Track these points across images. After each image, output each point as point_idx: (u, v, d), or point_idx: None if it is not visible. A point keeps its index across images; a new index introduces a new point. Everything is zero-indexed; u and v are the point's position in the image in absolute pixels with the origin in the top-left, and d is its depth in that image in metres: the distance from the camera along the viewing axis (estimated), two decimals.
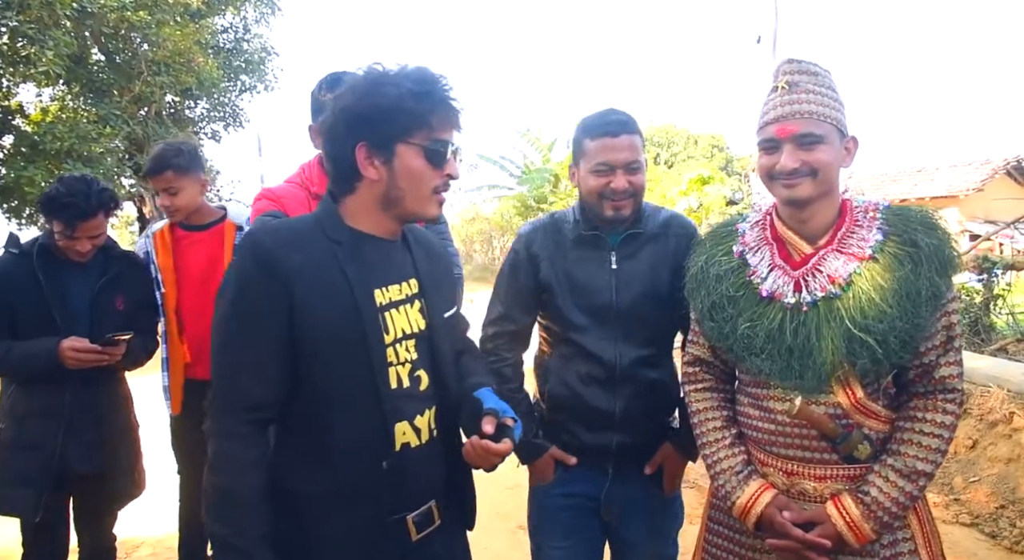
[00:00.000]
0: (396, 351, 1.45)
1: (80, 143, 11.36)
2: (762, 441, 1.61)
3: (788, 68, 1.57)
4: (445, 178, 1.46)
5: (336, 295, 1.38)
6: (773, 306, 1.56)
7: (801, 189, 1.51)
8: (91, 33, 12.37)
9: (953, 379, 1.51)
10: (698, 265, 1.71)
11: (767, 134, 1.55)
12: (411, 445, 1.45)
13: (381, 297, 1.45)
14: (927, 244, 1.47)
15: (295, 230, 1.45)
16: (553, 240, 2.00)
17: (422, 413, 1.47)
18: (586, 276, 1.95)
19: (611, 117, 1.91)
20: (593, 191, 1.90)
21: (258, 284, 1.36)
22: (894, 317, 1.44)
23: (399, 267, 1.52)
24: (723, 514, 1.70)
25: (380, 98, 1.38)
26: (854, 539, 1.48)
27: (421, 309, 1.52)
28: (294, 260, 1.36)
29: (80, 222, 2.40)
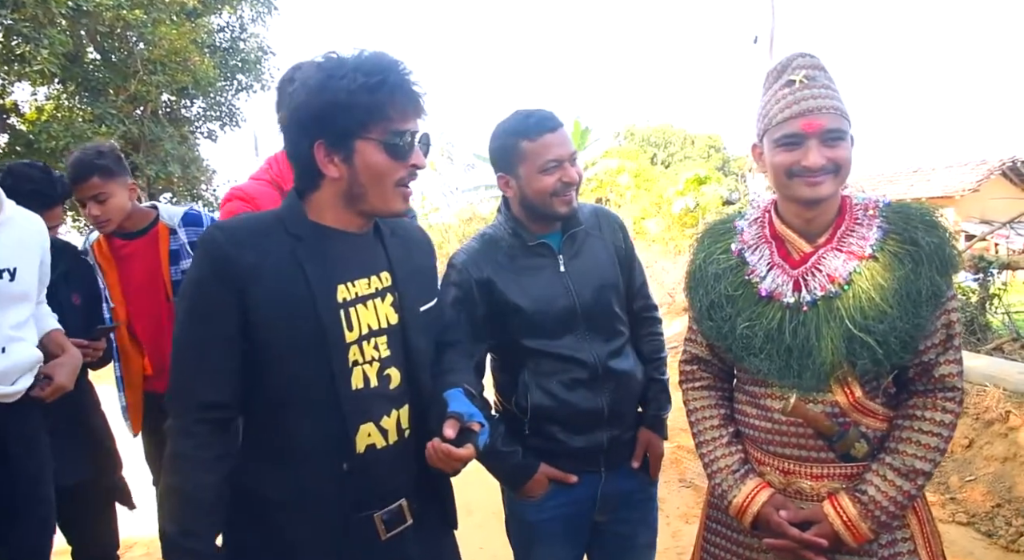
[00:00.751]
0: (362, 349, 1.40)
1: (75, 142, 11.31)
2: (759, 440, 1.60)
3: (803, 62, 1.52)
4: (410, 169, 1.40)
5: (292, 293, 1.34)
6: (772, 305, 1.54)
7: (824, 187, 1.47)
8: (86, 32, 12.36)
9: (953, 377, 1.49)
10: (696, 263, 1.70)
11: (790, 128, 1.47)
12: (377, 446, 1.41)
13: (346, 292, 1.40)
14: (928, 242, 1.45)
15: (253, 227, 1.41)
16: (496, 261, 1.95)
17: (389, 413, 1.43)
18: (543, 285, 1.92)
19: (541, 114, 1.91)
20: (545, 190, 1.88)
21: (210, 284, 1.34)
22: (895, 317, 1.43)
23: (368, 260, 1.47)
24: (721, 513, 1.69)
25: (332, 94, 1.32)
26: (851, 538, 1.47)
27: (393, 303, 1.47)
28: (247, 259, 1.33)
29: (45, 212, 2.27)
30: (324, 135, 1.35)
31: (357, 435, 1.38)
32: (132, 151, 13.86)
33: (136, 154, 13.80)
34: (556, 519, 1.98)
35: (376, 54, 1.37)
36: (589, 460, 1.97)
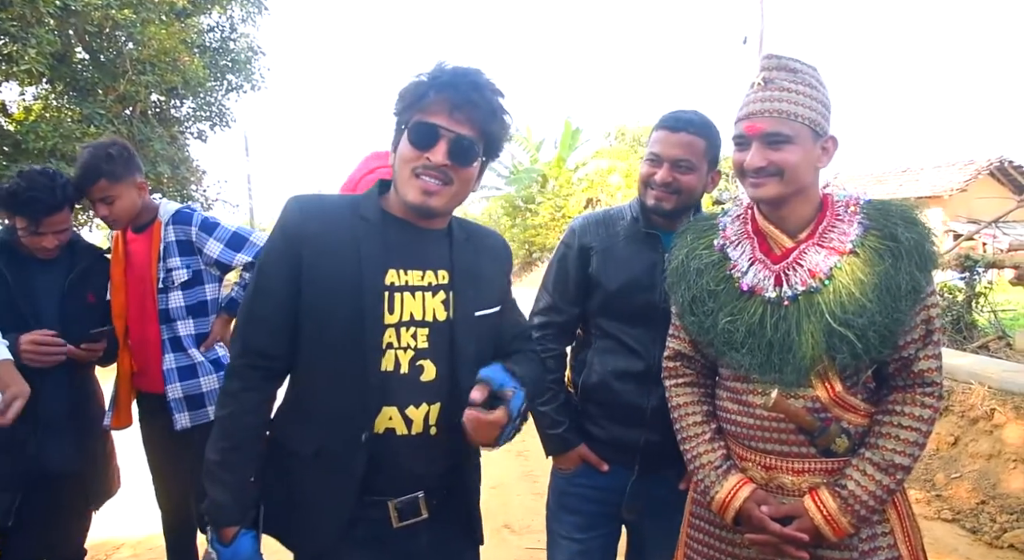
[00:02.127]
0: (398, 334, 1.44)
1: (64, 142, 11.25)
2: (741, 435, 1.61)
3: (767, 64, 1.55)
4: (424, 160, 1.42)
5: (342, 264, 1.43)
6: (754, 300, 1.56)
7: (767, 189, 1.50)
8: (75, 31, 12.28)
9: (932, 372, 1.51)
10: (679, 259, 1.71)
11: (738, 130, 1.55)
12: (397, 432, 1.44)
13: (395, 277, 1.46)
14: (907, 238, 1.47)
15: (328, 203, 1.53)
16: (606, 234, 2.02)
17: (418, 404, 1.45)
18: (637, 273, 1.95)
19: (681, 114, 1.94)
20: (641, 178, 1.96)
21: (276, 245, 1.48)
22: (874, 311, 1.44)
23: (428, 255, 1.51)
24: (704, 509, 1.70)
25: (403, 86, 1.47)
26: (831, 533, 1.48)
27: (445, 301, 1.51)
28: (311, 227, 1.45)
29: (45, 217, 2.30)
30: (395, 126, 1.50)
31: (378, 416, 1.42)
32: None
33: None
34: (583, 498, 2.05)
35: (468, 66, 1.46)
36: (624, 454, 1.99)
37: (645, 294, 1.93)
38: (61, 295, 2.43)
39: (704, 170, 1.92)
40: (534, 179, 21.60)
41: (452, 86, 1.42)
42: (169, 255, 2.61)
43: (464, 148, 1.43)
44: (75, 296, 2.47)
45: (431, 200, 1.45)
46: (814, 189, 1.58)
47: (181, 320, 2.61)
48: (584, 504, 2.05)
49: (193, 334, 2.63)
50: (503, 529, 3.91)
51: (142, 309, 2.62)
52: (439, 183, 1.44)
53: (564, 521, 2.09)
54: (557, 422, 2.02)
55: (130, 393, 2.68)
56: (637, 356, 1.93)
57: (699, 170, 1.90)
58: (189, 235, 2.63)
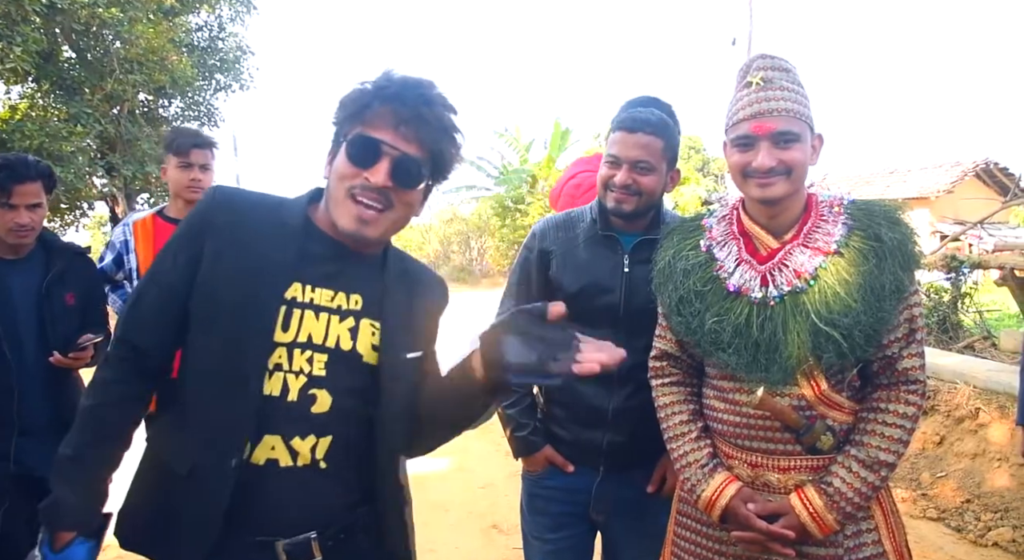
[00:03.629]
0: (291, 355, 1.28)
1: (50, 142, 11.18)
2: (727, 434, 1.62)
3: (762, 64, 1.56)
4: (363, 180, 1.27)
5: (243, 266, 1.28)
6: (740, 301, 1.57)
7: (776, 188, 1.51)
8: (61, 30, 12.20)
9: (916, 370, 1.53)
10: (665, 259, 1.71)
11: (742, 130, 1.53)
12: (280, 463, 1.27)
13: (299, 292, 1.30)
14: (891, 238, 1.49)
15: (250, 198, 1.38)
16: (566, 237, 2.02)
17: (304, 436, 1.28)
18: (598, 275, 1.95)
19: (637, 114, 1.90)
20: (600, 180, 1.94)
21: (181, 232, 1.36)
22: (859, 311, 1.46)
23: (348, 276, 1.36)
24: (691, 507, 1.71)
25: (345, 94, 1.33)
26: (817, 530, 1.49)
27: (353, 329, 1.34)
28: (219, 218, 1.32)
29: (16, 185, 2.25)
30: (334, 135, 1.36)
31: (259, 444, 1.26)
32: (108, 151, 13.71)
33: (113, 154, 13.65)
34: (551, 499, 2.06)
35: (417, 76, 1.33)
36: (589, 456, 2.00)
37: (606, 296, 1.93)
38: (38, 297, 2.38)
39: (664, 170, 1.90)
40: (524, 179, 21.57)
41: (399, 98, 1.27)
42: None
43: (409, 169, 1.28)
44: (53, 298, 2.41)
45: (366, 229, 1.30)
46: (804, 188, 1.59)
47: None
48: (552, 505, 2.06)
49: None
50: (491, 529, 3.90)
51: None
52: (377, 209, 1.29)
53: (534, 522, 2.11)
54: (522, 424, 2.04)
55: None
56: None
57: (658, 170, 1.88)
58: None
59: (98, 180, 14.31)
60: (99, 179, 14.30)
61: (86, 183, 13.15)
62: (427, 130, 1.29)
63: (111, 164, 13.68)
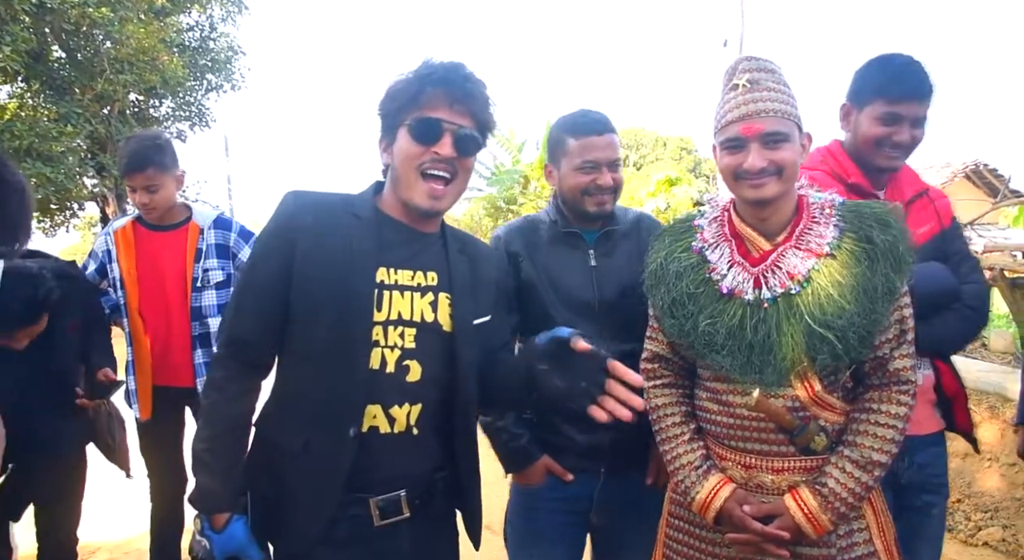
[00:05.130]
0: (386, 332, 1.44)
1: (40, 141, 11.12)
2: (721, 435, 1.63)
3: (748, 65, 1.57)
4: (432, 155, 1.44)
5: (334, 258, 1.43)
6: (733, 303, 1.57)
7: (767, 189, 1.52)
8: (51, 29, 12.14)
9: (906, 371, 1.54)
10: (657, 261, 1.71)
11: (731, 132, 1.54)
12: (380, 430, 1.43)
13: (385, 275, 1.46)
14: (882, 240, 1.50)
15: (324, 199, 1.53)
16: (530, 240, 2.02)
17: (401, 404, 1.45)
18: (567, 273, 1.97)
19: (593, 116, 1.97)
20: (577, 188, 1.95)
21: (269, 236, 1.49)
22: (852, 313, 1.47)
23: (419, 256, 1.52)
24: (683, 509, 1.71)
25: (391, 86, 1.49)
26: (812, 530, 1.50)
27: (433, 302, 1.50)
28: (305, 220, 1.46)
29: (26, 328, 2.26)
30: (383, 124, 1.51)
31: (364, 413, 1.42)
32: (99, 151, 13.65)
33: (103, 154, 13.59)
34: (553, 512, 2.01)
35: (452, 61, 1.47)
36: (589, 459, 1.98)
37: (579, 292, 1.96)
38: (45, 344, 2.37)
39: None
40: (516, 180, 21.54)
41: (447, 80, 1.43)
42: (208, 257, 2.80)
43: (468, 139, 1.46)
44: (55, 330, 2.40)
45: (439, 203, 1.48)
46: (795, 190, 1.60)
47: (212, 317, 2.77)
48: (555, 516, 2.02)
49: None
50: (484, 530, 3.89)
51: (165, 304, 2.75)
52: (444, 182, 1.47)
53: (533, 539, 2.04)
54: (516, 435, 1.98)
55: (149, 385, 2.80)
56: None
57: (621, 164, 1.97)
58: (228, 240, 2.85)
59: (88, 180, 14.25)
60: (89, 179, 14.25)
61: (76, 183, 13.09)
62: (475, 104, 1.46)
63: (101, 164, 13.63)
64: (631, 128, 36.53)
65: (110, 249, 2.78)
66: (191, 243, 2.78)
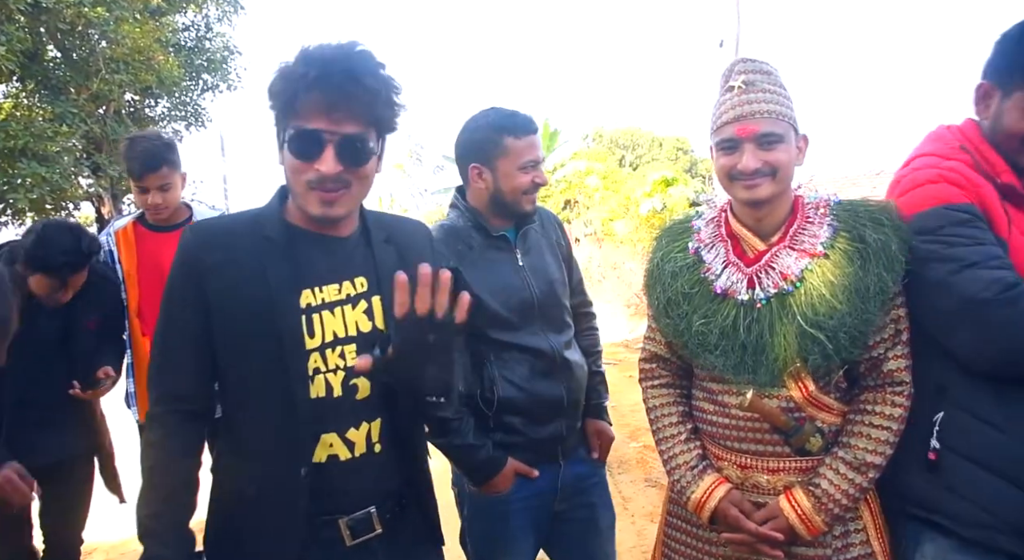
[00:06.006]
0: (324, 357, 1.34)
1: (35, 142, 11.09)
2: (717, 435, 1.63)
3: (744, 67, 1.58)
4: (314, 172, 1.28)
5: (251, 295, 1.32)
6: (727, 303, 1.58)
7: (762, 190, 1.52)
8: (46, 29, 12.12)
9: (901, 372, 1.52)
10: (654, 262, 1.72)
11: (726, 134, 1.55)
12: (340, 458, 1.36)
13: (311, 298, 1.35)
14: (875, 240, 1.49)
15: (226, 227, 1.41)
16: (458, 251, 1.96)
17: (358, 425, 1.37)
18: (504, 277, 1.97)
19: (523, 116, 1.98)
20: (519, 188, 1.96)
21: (179, 283, 1.37)
22: (844, 313, 1.46)
23: (342, 265, 1.41)
24: (681, 509, 1.72)
25: (272, 79, 1.30)
26: (806, 531, 1.50)
27: (368, 310, 1.40)
28: (212, 259, 1.34)
29: (73, 276, 2.35)
30: (277, 127, 1.34)
31: (318, 444, 1.34)
32: (95, 151, 13.62)
33: (99, 154, 13.56)
34: (522, 511, 2.00)
35: (334, 46, 1.28)
36: (550, 450, 2.01)
37: (520, 292, 1.97)
38: (62, 326, 2.44)
39: None
40: None
41: (323, 82, 1.24)
42: None
43: (354, 147, 1.29)
44: (77, 323, 2.47)
45: (333, 210, 1.33)
46: (791, 189, 1.60)
47: None
48: (525, 514, 2.01)
49: None
50: None
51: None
52: (338, 191, 1.31)
53: (504, 544, 2.02)
54: (479, 446, 1.93)
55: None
56: (538, 354, 1.96)
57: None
58: None
59: (84, 180, 14.21)
60: (85, 179, 14.21)
61: (72, 183, 13.07)
62: (359, 105, 1.27)
63: (97, 164, 13.60)
64: (627, 128, 36.59)
65: (111, 249, 2.77)
66: None
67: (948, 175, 1.47)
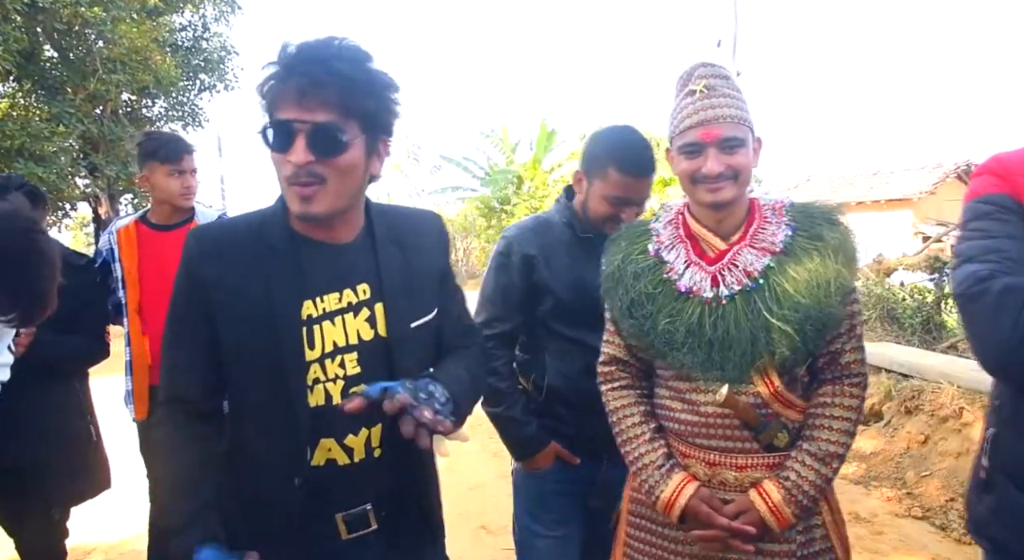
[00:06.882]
0: (324, 367, 1.34)
1: (32, 141, 11.09)
2: (684, 433, 1.64)
3: (704, 72, 1.60)
4: (287, 164, 1.24)
5: (252, 308, 1.31)
6: (692, 301, 1.59)
7: (724, 193, 1.55)
8: (43, 29, 12.11)
9: (858, 364, 1.60)
10: (615, 264, 1.73)
11: (690, 138, 1.57)
12: (338, 462, 1.36)
13: (312, 308, 1.34)
14: (832, 238, 1.56)
15: (227, 236, 1.39)
16: (545, 241, 2.06)
17: (357, 431, 1.36)
18: (582, 274, 2.01)
19: (644, 155, 2.02)
20: (600, 214, 2.02)
21: (184, 289, 1.38)
22: (809, 307, 1.51)
23: (344, 272, 1.38)
24: (643, 507, 1.73)
25: (257, 82, 1.30)
26: (776, 523, 1.53)
27: (370, 318, 1.38)
28: (213, 271, 1.33)
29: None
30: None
31: (316, 448, 1.34)
32: (92, 151, 13.61)
33: (96, 154, 13.55)
34: (559, 495, 2.10)
35: (314, 39, 1.26)
36: (592, 446, 2.04)
37: (592, 293, 1.96)
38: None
39: None
40: (510, 180, 21.60)
41: (295, 71, 1.22)
42: None
43: (324, 136, 1.23)
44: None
45: (311, 207, 1.28)
46: (747, 192, 1.65)
47: None
48: (561, 498, 2.11)
49: None
50: (480, 530, 3.89)
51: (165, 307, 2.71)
52: (313, 185, 1.26)
53: (539, 519, 2.14)
54: (525, 423, 2.08)
55: (146, 386, 2.77)
56: (595, 351, 1.96)
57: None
58: None
59: (81, 181, 14.21)
60: (82, 179, 14.21)
61: (68, 183, 13.07)
62: (332, 91, 1.22)
63: (94, 164, 13.59)
64: None
65: (113, 248, 2.79)
66: None
67: (993, 166, 1.44)
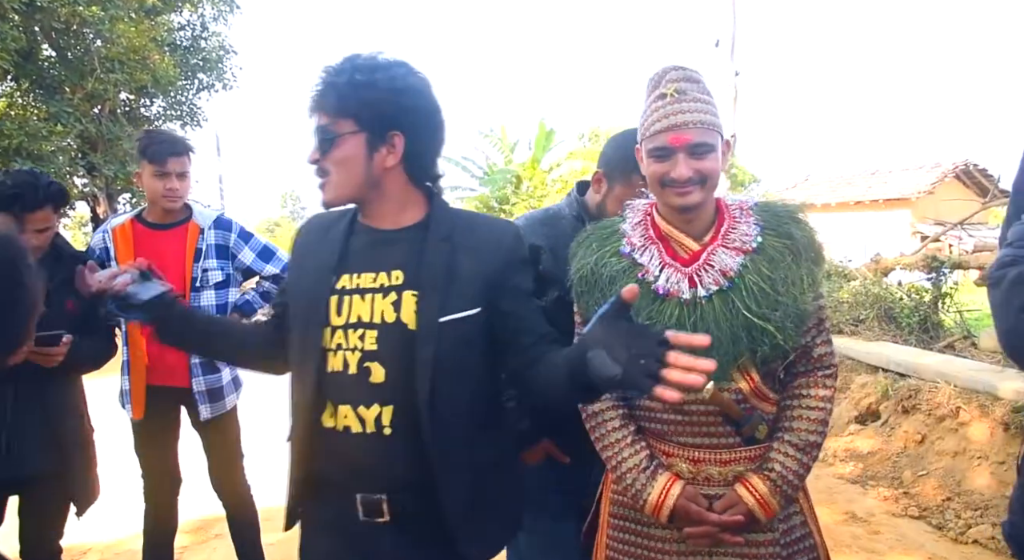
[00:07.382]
0: (345, 335, 1.48)
1: (30, 141, 11.08)
2: (667, 432, 1.65)
3: (675, 76, 1.60)
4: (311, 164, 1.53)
5: (305, 274, 1.59)
6: (670, 303, 1.60)
7: (693, 197, 1.56)
8: (41, 28, 12.10)
9: (828, 356, 1.66)
10: (587, 267, 1.70)
11: (659, 142, 1.56)
12: (352, 429, 1.47)
13: (347, 281, 1.51)
14: (801, 236, 1.60)
15: (319, 219, 1.68)
16: (553, 233, 2.06)
17: (369, 405, 1.45)
18: None
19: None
20: (615, 212, 1.97)
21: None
22: (786, 303, 1.54)
23: (384, 256, 1.52)
24: (625, 509, 1.73)
25: None
26: (763, 514, 1.56)
27: (396, 302, 1.46)
28: (300, 240, 1.67)
29: (27, 214, 2.28)
30: None
31: (337, 412, 1.48)
32: (90, 150, 13.60)
33: (94, 154, 13.54)
34: (552, 492, 2.09)
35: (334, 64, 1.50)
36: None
37: None
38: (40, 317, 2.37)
39: None
40: (508, 180, 21.62)
41: (314, 88, 1.50)
42: (207, 257, 2.83)
43: (322, 137, 1.48)
44: (54, 303, 2.33)
45: (324, 195, 1.53)
46: (714, 193, 1.65)
47: None
48: (554, 497, 2.11)
49: None
50: None
51: None
52: (321, 179, 1.52)
53: (534, 512, 2.03)
54: (517, 419, 2.01)
55: (143, 386, 2.78)
56: None
57: None
58: (227, 241, 2.89)
59: (79, 180, 14.20)
60: (80, 179, 14.20)
61: (67, 183, 13.04)
62: (326, 99, 1.46)
63: (92, 164, 13.58)
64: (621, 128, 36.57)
65: (108, 247, 2.76)
66: (191, 243, 2.78)
67: None
